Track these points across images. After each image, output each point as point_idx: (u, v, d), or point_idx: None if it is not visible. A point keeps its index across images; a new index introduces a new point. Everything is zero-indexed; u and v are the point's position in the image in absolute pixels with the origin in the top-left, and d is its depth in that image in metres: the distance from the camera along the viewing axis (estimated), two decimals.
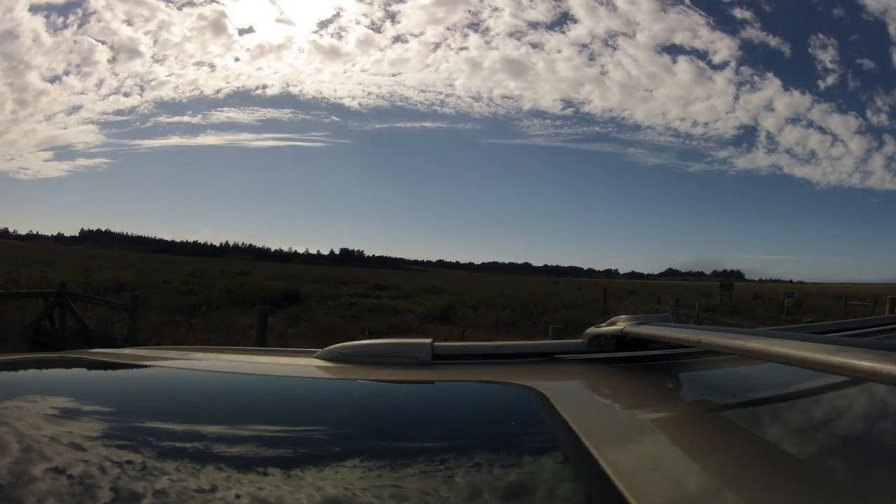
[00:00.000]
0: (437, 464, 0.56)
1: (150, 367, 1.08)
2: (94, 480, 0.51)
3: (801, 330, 1.11)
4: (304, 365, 0.97)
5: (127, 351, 1.36)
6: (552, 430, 0.62)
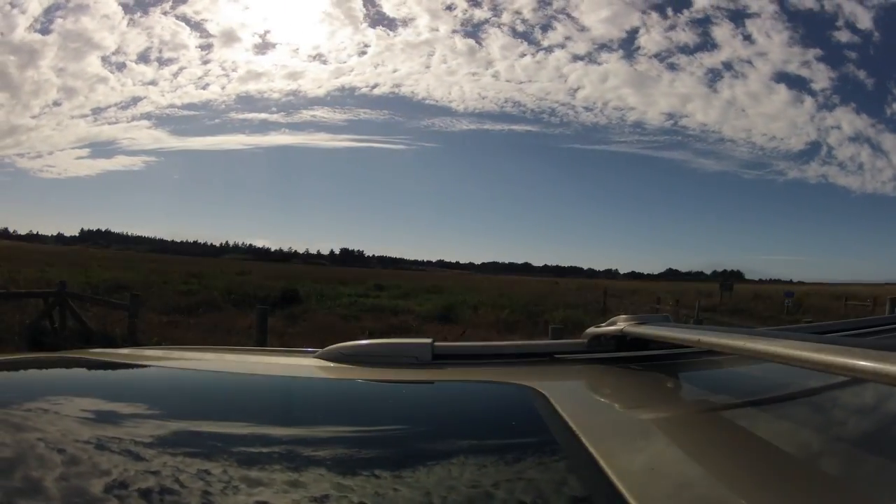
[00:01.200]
0: (438, 464, 0.56)
1: (150, 367, 1.08)
2: (94, 480, 0.51)
3: (801, 330, 1.11)
4: (304, 365, 0.97)
5: (127, 351, 1.36)
6: (552, 430, 0.62)
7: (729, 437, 0.63)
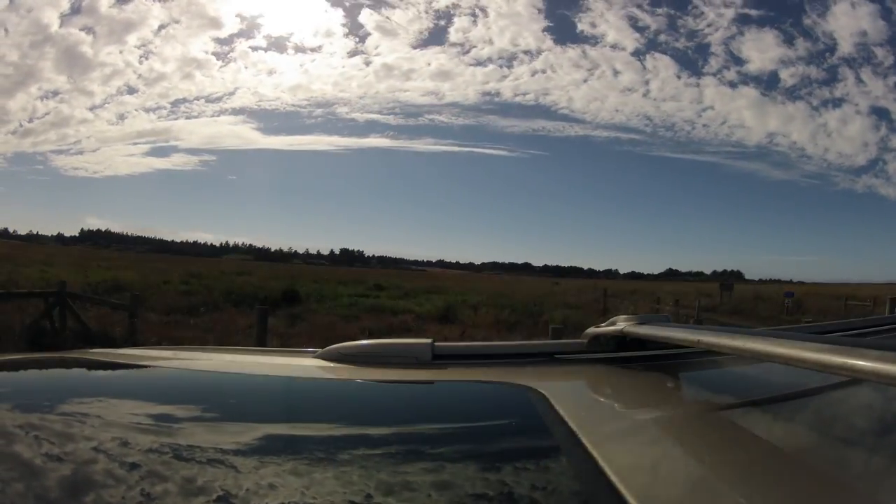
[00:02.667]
0: (438, 464, 0.56)
1: (150, 367, 1.08)
2: (94, 480, 0.51)
3: (801, 330, 1.11)
4: (304, 365, 0.96)
5: (127, 351, 1.36)
6: (552, 430, 0.62)
7: (729, 437, 0.63)
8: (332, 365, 0.92)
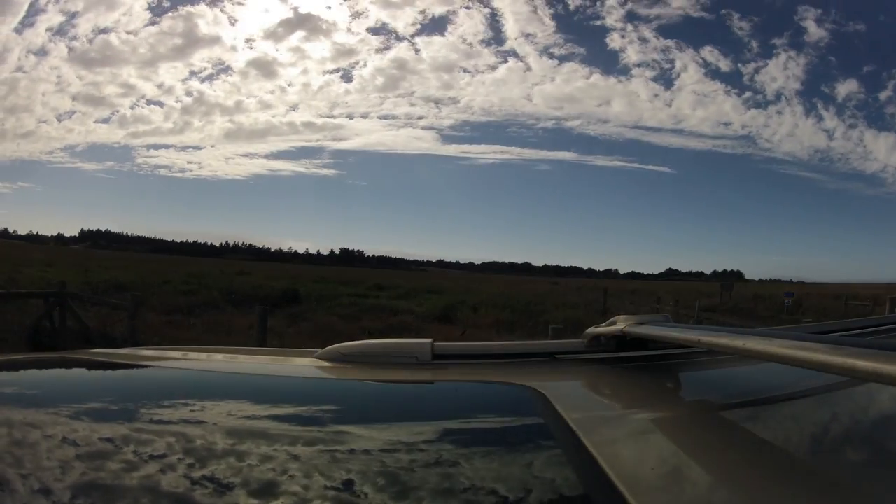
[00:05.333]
0: (438, 464, 0.56)
1: (150, 367, 1.08)
2: (94, 480, 0.51)
3: (801, 330, 1.11)
4: (304, 365, 0.97)
5: (127, 351, 1.36)
6: (552, 430, 0.62)
7: (729, 437, 0.63)
8: (332, 365, 0.92)
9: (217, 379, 0.94)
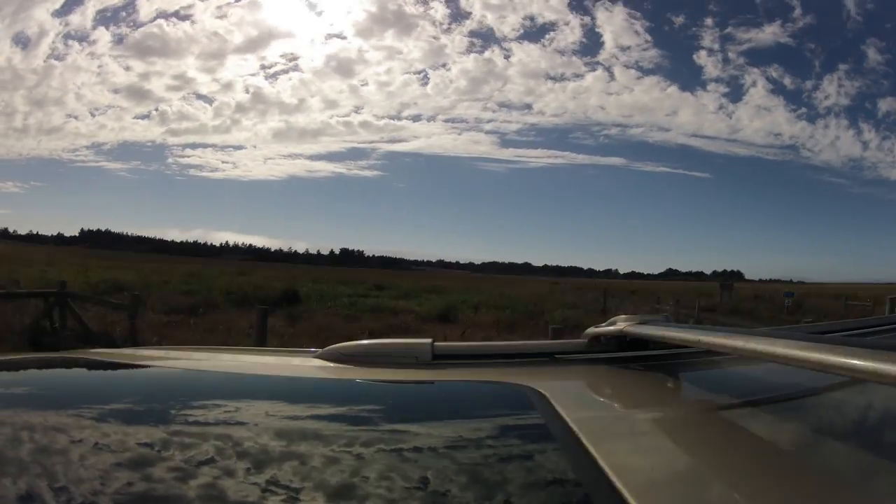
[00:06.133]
0: (438, 464, 0.56)
1: (150, 367, 1.08)
2: (94, 480, 0.51)
3: (801, 330, 1.11)
4: (303, 365, 0.96)
5: (127, 351, 1.36)
6: (552, 430, 0.62)
7: (729, 437, 0.63)
8: (332, 365, 0.92)
9: (217, 379, 0.94)
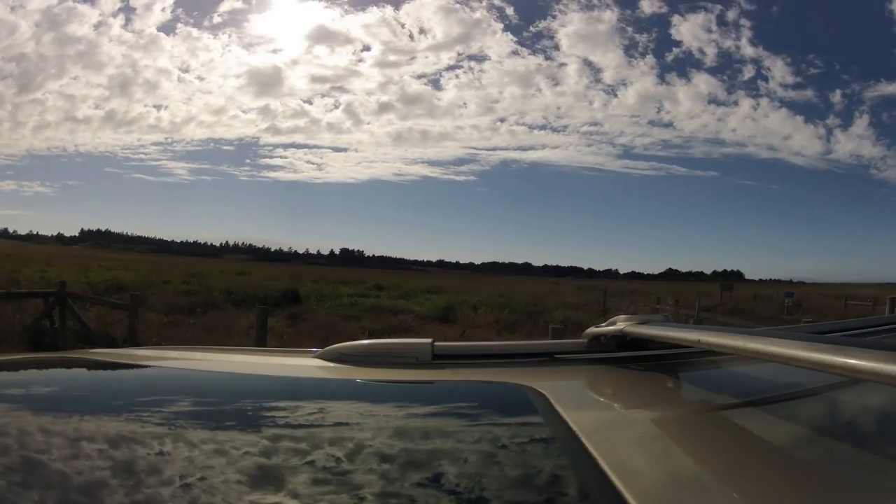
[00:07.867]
0: (438, 464, 0.56)
1: (150, 367, 1.08)
2: (94, 480, 0.51)
3: (801, 330, 1.11)
4: (303, 365, 0.96)
5: (127, 351, 1.36)
6: (552, 430, 0.62)
7: (729, 437, 0.63)
8: (332, 365, 0.92)
9: (217, 379, 0.94)
